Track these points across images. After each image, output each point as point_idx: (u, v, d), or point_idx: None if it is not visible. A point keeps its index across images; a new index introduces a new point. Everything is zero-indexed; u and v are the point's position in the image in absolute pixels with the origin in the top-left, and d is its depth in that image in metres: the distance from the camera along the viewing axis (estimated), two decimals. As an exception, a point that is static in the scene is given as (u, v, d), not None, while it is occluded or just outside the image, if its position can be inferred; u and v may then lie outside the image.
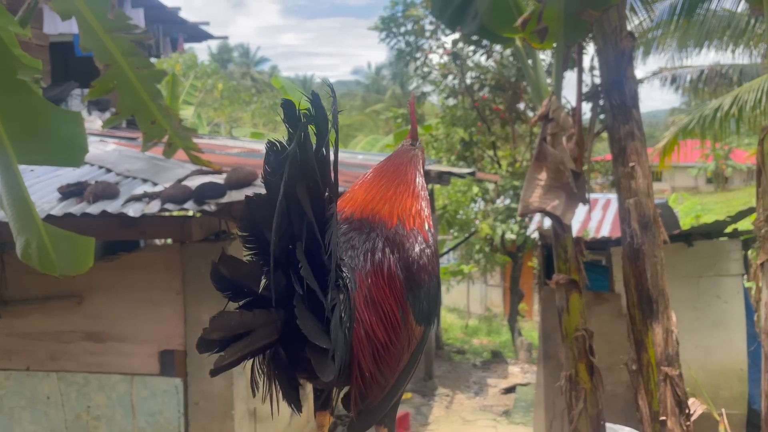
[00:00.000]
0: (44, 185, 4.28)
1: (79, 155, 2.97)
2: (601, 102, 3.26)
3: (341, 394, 1.14)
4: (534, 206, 3.15)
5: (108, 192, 3.79)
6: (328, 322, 0.96)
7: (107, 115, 7.75)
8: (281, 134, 1.14)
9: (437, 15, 3.55)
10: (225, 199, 3.61)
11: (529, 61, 3.33)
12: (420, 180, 1.28)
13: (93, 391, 4.46)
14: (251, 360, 1.00)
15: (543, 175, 3.15)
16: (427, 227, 1.22)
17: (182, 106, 13.65)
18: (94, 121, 7.65)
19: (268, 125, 23.66)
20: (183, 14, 13.98)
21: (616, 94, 3.11)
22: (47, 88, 7.92)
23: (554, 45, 3.18)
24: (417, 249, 1.17)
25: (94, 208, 3.66)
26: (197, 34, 11.76)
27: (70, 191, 3.89)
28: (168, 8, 10.04)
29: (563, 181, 3.13)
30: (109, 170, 4.55)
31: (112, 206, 3.66)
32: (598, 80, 3.44)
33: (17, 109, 2.71)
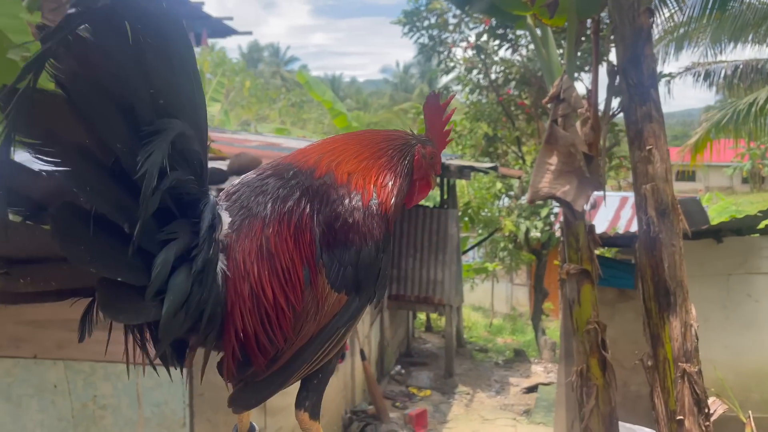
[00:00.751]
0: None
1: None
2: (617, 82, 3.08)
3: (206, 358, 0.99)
4: (543, 192, 2.99)
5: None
6: (149, 256, 0.82)
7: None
8: (307, 131, 1.07)
9: (446, -6, 3.40)
10: (226, 184, 3.54)
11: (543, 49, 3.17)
12: (399, 167, 1.11)
13: (99, 380, 4.42)
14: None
15: (553, 159, 2.99)
16: (375, 192, 1.06)
17: (209, 103, 13.74)
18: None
19: (297, 123, 23.76)
20: (208, 10, 14.04)
21: (633, 73, 2.93)
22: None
23: (566, 21, 3.01)
24: (346, 204, 1.02)
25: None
26: (221, 29, 11.76)
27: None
28: (191, 3, 10.05)
29: (575, 165, 2.96)
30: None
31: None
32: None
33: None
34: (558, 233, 9.39)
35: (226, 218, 0.98)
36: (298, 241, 0.99)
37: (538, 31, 3.23)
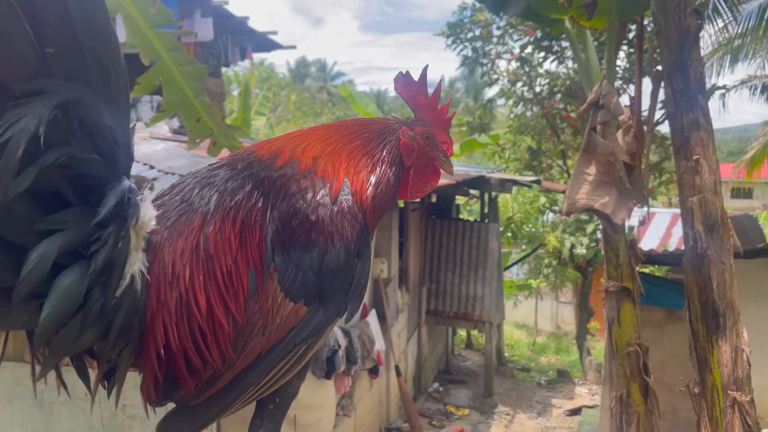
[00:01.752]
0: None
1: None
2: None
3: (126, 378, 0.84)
4: (581, 204, 2.81)
5: (141, 186, 3.74)
6: (22, 251, 0.68)
7: (175, 121, 7.90)
8: None
9: (481, -1, 3.28)
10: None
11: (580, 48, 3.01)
12: (379, 153, 0.96)
13: (129, 389, 4.39)
14: None
15: (591, 169, 2.81)
16: (346, 182, 0.90)
17: (255, 117, 13.92)
18: (161, 127, 7.79)
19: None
20: (255, 25, 14.27)
21: (679, 78, 2.73)
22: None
23: (606, 23, 2.85)
24: (308, 198, 0.86)
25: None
26: (266, 43, 11.93)
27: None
28: (237, 18, 10.22)
29: (614, 176, 2.77)
30: (152, 167, 4.54)
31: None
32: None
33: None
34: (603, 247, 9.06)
35: (149, 210, 0.83)
36: (244, 241, 0.84)
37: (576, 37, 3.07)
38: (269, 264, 0.85)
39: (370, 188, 0.92)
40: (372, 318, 5.97)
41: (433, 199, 9.03)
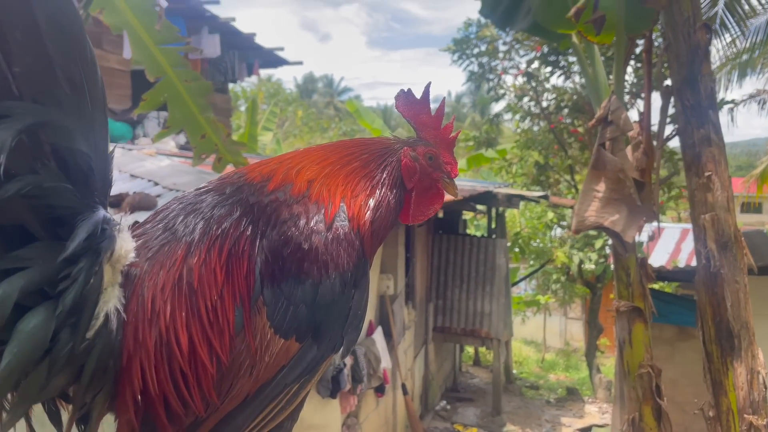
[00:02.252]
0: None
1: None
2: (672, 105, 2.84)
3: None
4: (590, 221, 2.75)
5: (145, 203, 3.71)
6: None
7: (182, 137, 7.90)
8: None
9: (487, 14, 3.25)
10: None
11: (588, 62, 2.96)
12: (379, 175, 0.91)
13: None
14: None
15: (601, 186, 2.75)
16: (343, 207, 0.84)
17: (262, 132, 13.96)
18: (167, 142, 7.79)
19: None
20: (264, 41, 14.34)
21: (689, 94, 2.68)
22: (126, 110, 8.23)
23: (614, 38, 2.81)
24: (301, 225, 0.81)
25: (129, 219, 3.59)
26: (273, 59, 11.98)
27: (109, 203, 3.85)
28: (244, 34, 10.28)
29: (624, 193, 2.72)
30: (156, 183, 4.52)
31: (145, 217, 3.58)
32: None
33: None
34: (613, 266, 8.97)
35: (127, 242, 0.77)
36: (231, 273, 0.78)
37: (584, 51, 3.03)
38: (257, 298, 0.78)
39: (369, 213, 0.86)
40: (378, 335, 5.90)
41: (440, 215, 8.98)
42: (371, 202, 0.87)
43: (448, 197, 1.02)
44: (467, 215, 10.94)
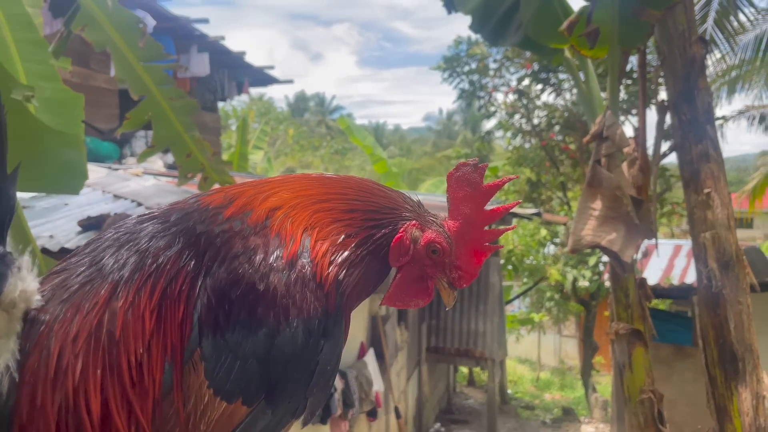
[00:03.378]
0: (70, 219, 4.15)
1: (78, 182, 2.80)
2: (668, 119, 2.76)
3: None
4: (587, 240, 2.66)
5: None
6: None
7: (170, 156, 7.80)
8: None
9: (477, 29, 3.18)
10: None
11: (580, 74, 2.89)
12: (360, 231, 0.75)
13: None
14: None
15: (597, 204, 2.66)
16: (306, 245, 0.70)
17: (252, 151, 13.89)
18: (155, 162, 7.68)
19: (340, 170, 23.87)
20: (256, 60, 14.32)
21: (686, 108, 2.61)
22: (113, 129, 8.12)
23: (607, 52, 2.74)
24: (256, 260, 0.67)
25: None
26: (263, 78, 11.95)
27: (90, 224, 3.72)
28: (234, 53, 10.23)
29: (621, 211, 2.63)
30: (140, 204, 4.40)
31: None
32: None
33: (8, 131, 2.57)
34: (607, 283, 8.89)
35: (29, 282, 0.65)
36: (164, 319, 0.65)
37: (578, 68, 2.96)
38: (194, 350, 0.65)
39: (334, 267, 0.71)
40: (370, 357, 5.76)
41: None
42: (341, 256, 0.72)
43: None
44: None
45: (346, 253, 0.72)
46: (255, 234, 0.70)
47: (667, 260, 11.16)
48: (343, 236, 0.72)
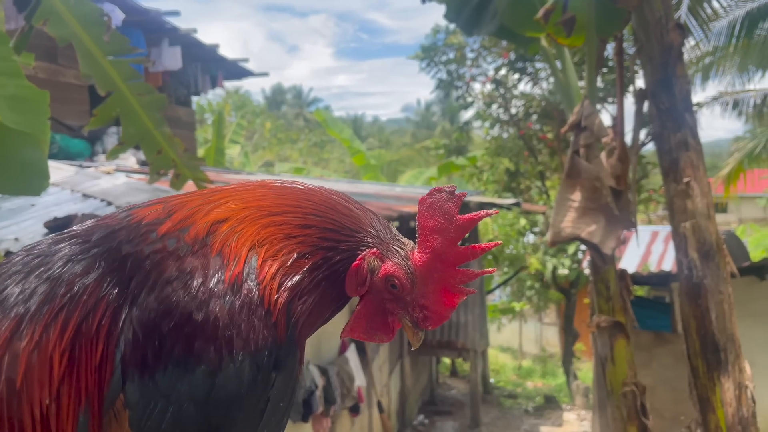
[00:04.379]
0: (37, 220, 4.02)
1: (40, 182, 2.69)
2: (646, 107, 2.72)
3: None
4: (566, 233, 2.61)
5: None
6: None
7: (142, 152, 7.64)
8: (329, 170, 0.65)
9: (452, 18, 3.11)
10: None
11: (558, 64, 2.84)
12: (316, 254, 0.66)
13: None
14: None
15: (576, 195, 2.62)
16: (253, 265, 0.61)
17: (229, 145, 13.71)
18: (128, 159, 7.52)
19: (319, 163, 23.69)
20: (231, 53, 14.12)
21: (664, 96, 2.58)
22: (84, 125, 7.93)
23: (584, 40, 2.69)
24: (194, 286, 0.58)
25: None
26: (237, 71, 11.77)
27: (56, 225, 3.59)
28: (206, 46, 10.04)
29: (601, 202, 2.59)
30: (110, 203, 4.28)
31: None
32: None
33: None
34: (586, 271, 8.93)
35: None
36: (77, 362, 0.56)
37: (556, 59, 2.91)
38: (115, 397, 0.55)
39: (282, 291, 0.61)
40: (351, 353, 5.71)
41: (411, 224, 8.83)
42: (289, 280, 0.63)
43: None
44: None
45: (297, 277, 0.63)
46: (192, 254, 0.61)
47: (644, 247, 11.26)
48: (295, 255, 0.63)
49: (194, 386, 0.56)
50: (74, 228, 0.67)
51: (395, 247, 0.70)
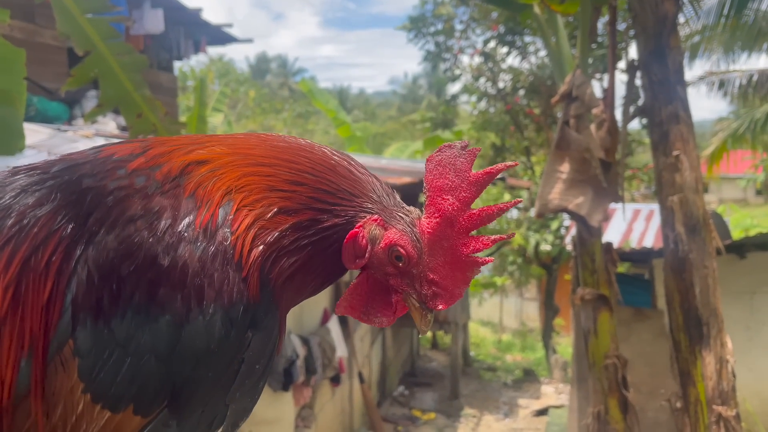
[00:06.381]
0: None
1: (15, 142, 2.61)
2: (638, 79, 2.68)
3: None
4: (554, 204, 2.59)
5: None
6: None
7: (122, 117, 7.48)
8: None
9: (443, -17, 3.03)
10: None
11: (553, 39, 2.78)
12: (304, 210, 0.59)
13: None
14: None
15: (565, 167, 2.59)
16: (226, 212, 0.55)
17: (212, 113, 13.49)
18: (108, 123, 7.36)
19: (304, 134, 23.47)
20: (214, 18, 13.82)
21: (657, 68, 2.53)
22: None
23: (578, 7, 2.63)
24: (162, 227, 0.52)
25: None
26: (221, 36, 11.52)
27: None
28: (189, 10, 9.81)
29: (590, 174, 2.56)
30: (89, 167, 4.19)
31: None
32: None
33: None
34: (569, 247, 8.99)
35: None
36: (22, 299, 0.50)
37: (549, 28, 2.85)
38: (63, 342, 0.50)
39: (259, 247, 0.54)
40: (333, 324, 5.70)
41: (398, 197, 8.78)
42: (268, 235, 0.55)
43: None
44: (424, 198, 10.78)
45: (276, 233, 0.56)
46: (162, 193, 0.55)
47: (626, 224, 11.35)
48: (275, 209, 0.57)
49: (157, 338, 0.50)
50: (35, 162, 0.62)
51: (399, 214, 0.63)
